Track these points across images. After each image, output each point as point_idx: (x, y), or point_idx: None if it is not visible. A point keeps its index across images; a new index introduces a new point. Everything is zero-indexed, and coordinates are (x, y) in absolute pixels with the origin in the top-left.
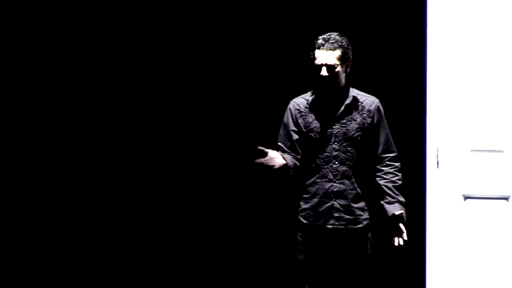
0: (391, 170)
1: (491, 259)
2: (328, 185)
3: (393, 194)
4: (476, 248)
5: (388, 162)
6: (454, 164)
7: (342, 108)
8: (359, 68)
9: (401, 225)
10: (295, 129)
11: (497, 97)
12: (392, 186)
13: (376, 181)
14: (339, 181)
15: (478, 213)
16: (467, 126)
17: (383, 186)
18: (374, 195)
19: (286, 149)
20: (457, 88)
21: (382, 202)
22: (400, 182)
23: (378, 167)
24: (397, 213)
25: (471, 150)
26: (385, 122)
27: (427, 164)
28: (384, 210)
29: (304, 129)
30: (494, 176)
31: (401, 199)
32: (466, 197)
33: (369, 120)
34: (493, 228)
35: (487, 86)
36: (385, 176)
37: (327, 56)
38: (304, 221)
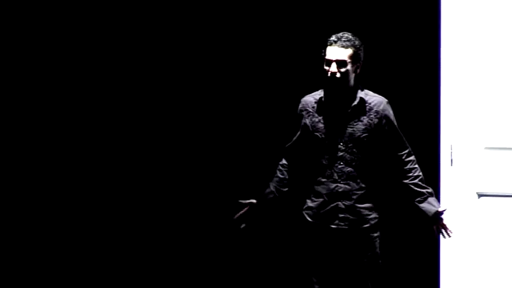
0: (411, 166)
1: (505, 257)
2: (333, 185)
3: (422, 190)
4: (490, 245)
5: (405, 160)
6: (468, 161)
7: (349, 110)
8: (373, 65)
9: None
10: (300, 129)
11: (511, 94)
12: (418, 181)
13: (401, 181)
14: (344, 182)
15: (492, 210)
16: (481, 123)
17: (410, 185)
18: (384, 195)
19: (290, 145)
20: (471, 85)
21: (415, 203)
22: (421, 175)
23: (397, 167)
24: (440, 209)
25: (485, 148)
26: (394, 120)
27: (441, 162)
28: (420, 211)
29: (310, 129)
30: (508, 173)
31: (430, 190)
32: (480, 195)
33: (376, 120)
34: (508, 226)
35: (501, 83)
36: (408, 174)
37: (338, 53)
38: (309, 219)
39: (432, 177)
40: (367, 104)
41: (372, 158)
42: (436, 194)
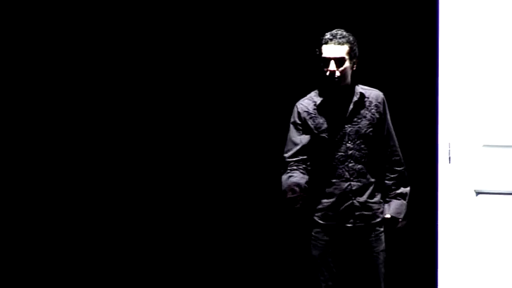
0: (391, 167)
1: (503, 255)
2: (345, 184)
3: (388, 192)
4: (488, 243)
5: (388, 158)
6: (466, 159)
7: (351, 107)
8: (371, 61)
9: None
10: (304, 133)
11: (510, 92)
12: (391, 184)
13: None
14: (356, 179)
15: (491, 208)
16: (479, 121)
17: (384, 183)
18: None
19: (292, 154)
20: (469, 83)
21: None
22: (400, 177)
23: (380, 161)
24: (387, 216)
25: (483, 146)
26: (389, 115)
27: (439, 159)
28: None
29: (315, 131)
30: (506, 171)
31: (399, 191)
32: (478, 193)
33: (377, 115)
34: (506, 224)
35: (500, 80)
36: (385, 173)
37: (335, 50)
38: (321, 222)
39: (430, 175)
40: (366, 99)
41: (376, 152)
42: (434, 192)
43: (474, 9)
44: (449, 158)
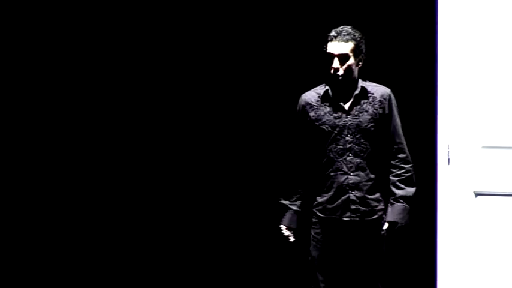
0: (397, 163)
1: (503, 256)
2: (343, 177)
3: (395, 191)
4: (487, 245)
5: (394, 155)
6: (465, 160)
7: (352, 100)
8: (370, 63)
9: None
10: (303, 128)
11: (509, 93)
12: (397, 181)
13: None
14: (354, 173)
15: (490, 210)
16: (478, 122)
17: (390, 180)
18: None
19: (292, 148)
20: (468, 84)
21: (389, 200)
22: (407, 175)
23: (387, 159)
24: (388, 220)
25: (482, 147)
26: (396, 112)
27: (438, 161)
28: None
29: (316, 123)
30: (505, 172)
31: (403, 193)
32: (477, 194)
33: (380, 110)
34: (505, 226)
35: (499, 82)
36: (391, 170)
37: (339, 48)
38: (321, 215)
39: (429, 176)
40: (370, 94)
41: (379, 148)
42: (433, 193)
43: (473, 10)
44: (449, 159)
